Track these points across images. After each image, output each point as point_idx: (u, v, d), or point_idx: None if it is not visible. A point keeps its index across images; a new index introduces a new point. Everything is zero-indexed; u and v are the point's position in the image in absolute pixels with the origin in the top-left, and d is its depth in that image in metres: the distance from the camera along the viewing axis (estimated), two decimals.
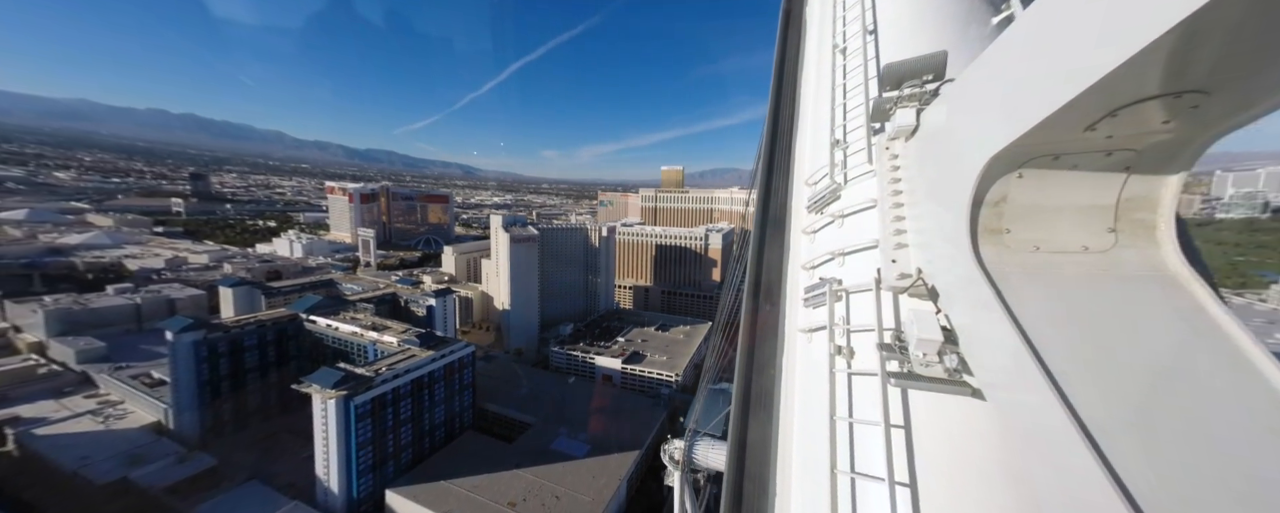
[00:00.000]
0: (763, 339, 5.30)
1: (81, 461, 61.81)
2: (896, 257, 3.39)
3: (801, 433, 4.21)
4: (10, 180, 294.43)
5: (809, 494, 3.73)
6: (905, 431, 3.13)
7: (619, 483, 66.50)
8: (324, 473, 59.46)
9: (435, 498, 59.84)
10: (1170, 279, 2.56)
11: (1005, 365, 2.44)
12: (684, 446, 29.40)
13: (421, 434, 69.87)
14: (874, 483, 3.16)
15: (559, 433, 77.76)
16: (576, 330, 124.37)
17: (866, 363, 3.62)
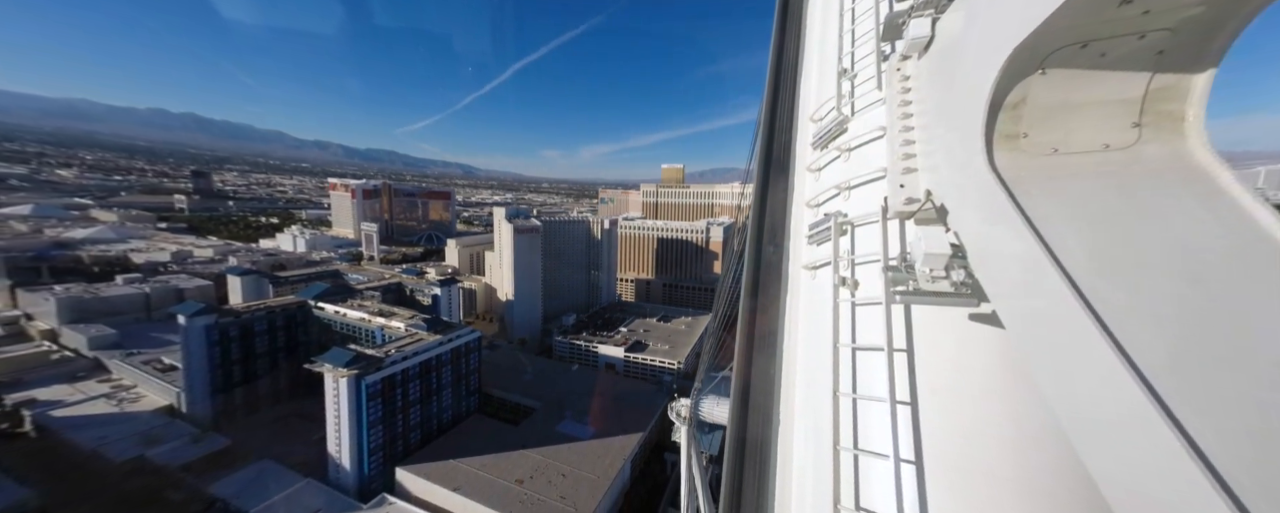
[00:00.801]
0: (767, 280, 5.28)
1: (98, 440, 63.29)
2: (904, 182, 3.31)
3: (806, 363, 4.26)
4: (13, 177, 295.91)
5: (811, 419, 3.81)
6: (908, 354, 3.16)
7: (623, 462, 67.92)
8: (335, 450, 60.92)
9: (444, 475, 61.30)
10: (1197, 170, 2.44)
11: (1019, 274, 2.39)
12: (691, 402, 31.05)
13: (429, 416, 71.30)
14: (875, 404, 3.22)
15: (564, 416, 79.22)
16: (579, 321, 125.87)
17: (871, 291, 3.62)
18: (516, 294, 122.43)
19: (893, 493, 2.79)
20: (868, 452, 3.21)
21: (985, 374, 2.95)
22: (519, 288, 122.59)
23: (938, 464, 2.85)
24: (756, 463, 4.38)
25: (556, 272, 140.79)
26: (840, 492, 3.23)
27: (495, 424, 77.19)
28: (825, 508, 3.26)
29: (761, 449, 4.39)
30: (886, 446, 2.98)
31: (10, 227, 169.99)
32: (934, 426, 2.94)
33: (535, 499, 58.55)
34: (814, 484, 3.60)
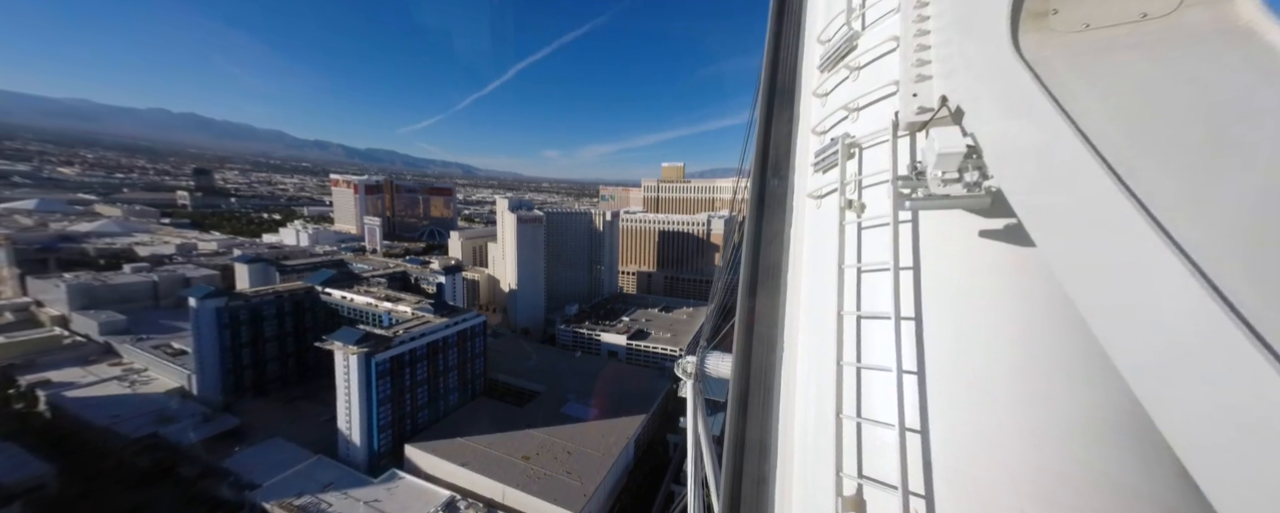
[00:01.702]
0: (771, 214, 5.15)
1: (112, 418, 64.47)
2: (918, 90, 3.12)
3: (810, 288, 4.17)
4: (16, 175, 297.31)
5: (814, 340, 3.77)
6: (914, 272, 3.07)
7: (627, 442, 69.09)
8: (346, 427, 62.11)
9: (452, 452, 62.51)
10: (1246, 31, 2.19)
11: (1046, 166, 2.23)
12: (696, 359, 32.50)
13: (436, 397, 72.48)
14: (879, 322, 3.18)
15: (568, 399, 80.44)
16: (581, 311, 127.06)
17: (878, 210, 3.50)
18: (520, 284, 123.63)
19: (894, 404, 2.75)
20: (870, 367, 3.16)
21: (993, 292, 2.80)
22: (522, 278, 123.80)
23: (940, 375, 2.80)
24: (761, 389, 4.37)
25: (559, 264, 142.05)
26: (842, 403, 3.21)
27: (501, 406, 78.40)
28: (827, 420, 3.25)
29: (766, 375, 4.38)
30: (889, 360, 2.92)
31: (16, 221, 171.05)
32: (938, 339, 2.87)
33: (542, 474, 59.75)
34: (817, 402, 3.58)
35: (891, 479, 2.69)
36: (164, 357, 79.23)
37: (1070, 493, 2.33)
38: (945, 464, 2.63)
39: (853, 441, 3.11)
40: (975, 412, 2.62)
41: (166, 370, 77.44)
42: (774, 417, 4.14)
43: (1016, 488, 2.41)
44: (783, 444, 4.03)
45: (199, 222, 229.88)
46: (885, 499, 2.80)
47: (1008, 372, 2.59)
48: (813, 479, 3.45)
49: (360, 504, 53.96)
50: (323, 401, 76.98)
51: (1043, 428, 2.41)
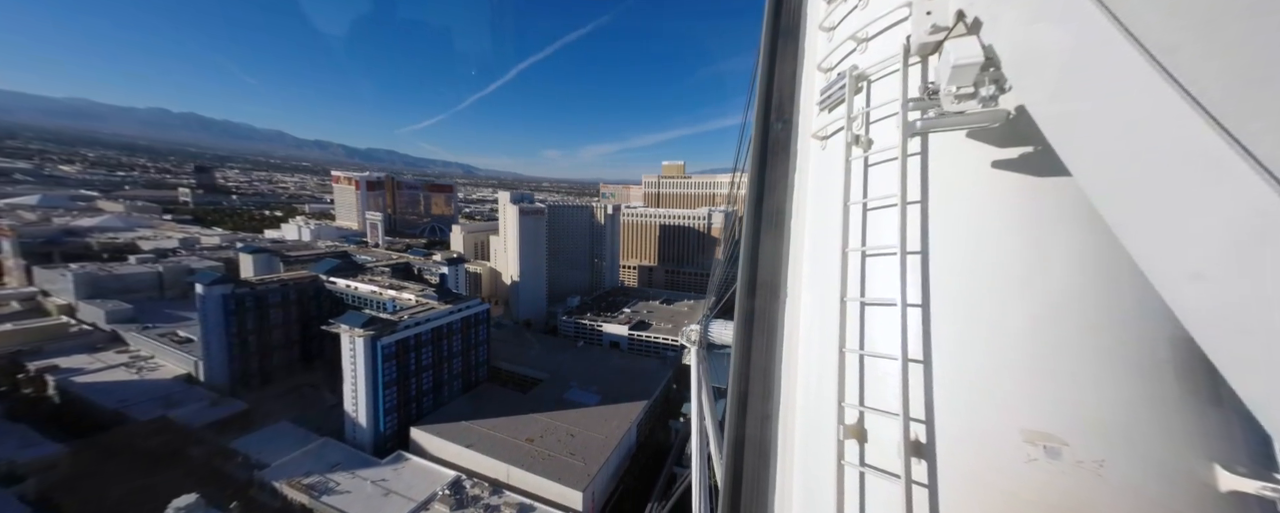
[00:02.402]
0: (774, 159, 4.94)
1: (121, 402, 65.19)
2: (932, 7, 2.92)
3: (814, 229, 4.05)
4: (17, 172, 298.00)
5: (818, 279, 3.69)
6: (921, 206, 2.95)
7: (630, 426, 69.81)
8: (352, 409, 62.85)
9: (458, 434, 63.25)
10: None
11: (1075, 68, 2.02)
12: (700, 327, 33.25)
13: (440, 383, 73.21)
14: (884, 258, 3.07)
15: (571, 386, 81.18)
16: (583, 303, 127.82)
17: (886, 142, 3.32)
18: (521, 276, 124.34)
19: (898, 336, 2.67)
20: (875, 302, 3.06)
21: (1002, 227, 2.65)
22: (524, 270, 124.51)
23: (944, 310, 2.70)
24: (765, 331, 4.29)
25: (560, 258, 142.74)
26: (845, 336, 3.14)
27: (504, 392, 79.17)
28: (831, 351, 3.19)
29: (768, 318, 4.29)
30: (893, 294, 2.83)
31: (19, 216, 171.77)
32: (945, 274, 2.76)
33: (546, 455, 60.49)
34: (820, 339, 3.52)
35: (893, 408, 2.65)
36: (170, 344, 79.92)
37: (1069, 414, 2.28)
38: (947, 393, 2.59)
39: (855, 373, 3.06)
40: (982, 343, 2.53)
41: (173, 357, 78.13)
42: (777, 358, 4.05)
43: (1017, 414, 2.36)
44: (785, 381, 3.97)
45: (201, 218, 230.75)
46: (886, 424, 2.77)
47: (1016, 303, 2.50)
48: (815, 409, 3.41)
49: (367, 483, 54.72)
50: (328, 388, 77.86)
51: (1049, 356, 2.34)
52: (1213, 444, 2.08)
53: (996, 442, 2.39)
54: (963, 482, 2.45)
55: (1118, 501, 2.07)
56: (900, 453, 2.54)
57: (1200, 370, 2.11)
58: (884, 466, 2.73)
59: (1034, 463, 2.27)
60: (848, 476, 2.91)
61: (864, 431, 2.90)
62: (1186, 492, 2.05)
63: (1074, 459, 2.17)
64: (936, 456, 2.53)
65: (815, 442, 3.38)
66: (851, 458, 2.89)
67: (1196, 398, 2.10)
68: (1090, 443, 2.18)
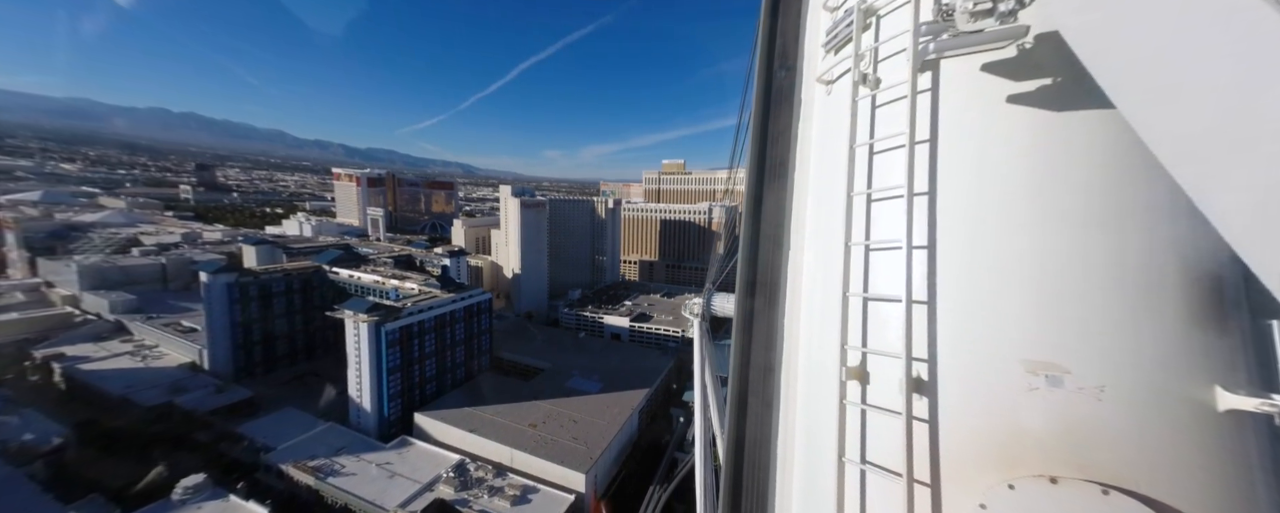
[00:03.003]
0: (778, 110, 4.72)
1: (127, 388, 65.69)
2: None
3: (818, 173, 3.89)
4: (19, 170, 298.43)
5: (821, 223, 3.58)
6: (930, 145, 2.84)
7: (631, 412, 70.31)
8: (356, 394, 63.36)
9: (461, 419, 63.76)
10: None
11: None
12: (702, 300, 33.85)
13: (444, 370, 73.73)
14: (891, 202, 2.97)
15: (573, 374, 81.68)
16: (584, 296, 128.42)
17: (895, 78, 3.19)
18: (523, 269, 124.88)
19: (903, 277, 2.60)
20: (880, 247, 2.94)
21: (1011, 167, 2.56)
22: (526, 263, 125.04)
23: (950, 248, 2.63)
24: (768, 291, 4.17)
25: (561, 253, 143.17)
26: (849, 281, 3.08)
27: (507, 380, 79.72)
28: (834, 296, 3.13)
29: (772, 273, 4.16)
30: (899, 236, 2.73)
31: (22, 211, 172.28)
32: (950, 213, 2.67)
33: (549, 440, 60.99)
34: (824, 282, 3.40)
35: (896, 349, 2.64)
36: (175, 334, 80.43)
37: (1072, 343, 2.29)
38: (950, 331, 2.57)
39: (858, 316, 3.02)
40: (987, 278, 2.51)
41: (178, 346, 78.66)
42: (780, 309, 3.98)
43: (1020, 346, 2.37)
44: (788, 331, 3.91)
45: (202, 214, 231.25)
46: (888, 364, 2.77)
47: (1023, 236, 2.47)
48: (819, 350, 3.35)
49: (372, 466, 55.22)
50: (332, 377, 78.21)
51: (1055, 288, 2.34)
52: (1214, 369, 2.11)
53: (998, 374, 2.39)
54: (963, 414, 2.47)
55: (1116, 423, 2.13)
56: (902, 389, 2.54)
57: (1207, 300, 2.12)
58: (885, 404, 2.73)
59: (1035, 392, 2.29)
60: (849, 414, 2.92)
61: (867, 373, 2.89)
62: (1185, 413, 2.09)
63: (1076, 386, 2.20)
64: (938, 391, 2.53)
65: (818, 383, 3.29)
66: (853, 397, 2.92)
67: (1200, 327, 2.12)
68: (1092, 370, 2.20)
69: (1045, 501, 2.13)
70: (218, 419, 62.08)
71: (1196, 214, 1.89)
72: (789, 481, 3.64)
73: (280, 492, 51.86)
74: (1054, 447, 2.20)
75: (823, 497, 3.00)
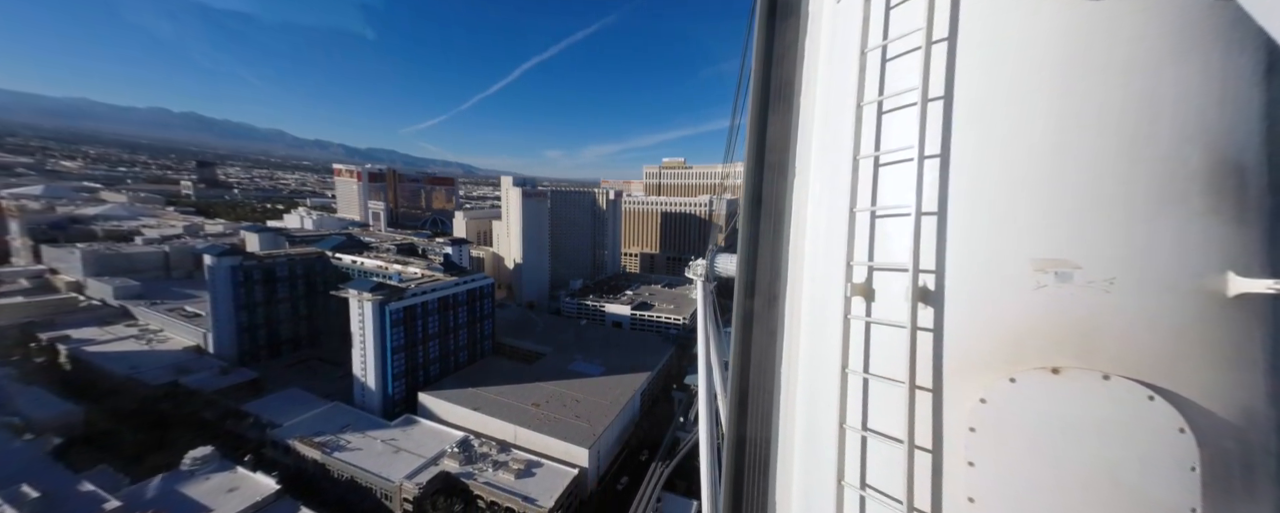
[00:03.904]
0: (784, 23, 4.47)
1: (133, 369, 66.12)
2: None
3: (826, 84, 3.65)
4: (19, 167, 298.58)
5: (830, 138, 3.38)
6: (949, 44, 2.65)
7: (633, 393, 70.76)
8: (361, 373, 63.83)
9: (465, 399, 64.21)
10: None
11: None
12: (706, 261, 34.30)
13: (447, 352, 74.20)
14: (903, 112, 2.81)
15: (575, 358, 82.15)
16: (585, 286, 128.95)
17: None
18: (525, 258, 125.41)
19: (913, 189, 2.51)
20: (890, 161, 2.79)
21: (1032, 67, 2.41)
22: (527, 253, 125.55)
23: (963, 157, 2.51)
24: (773, 212, 4.02)
25: (562, 245, 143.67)
26: (856, 196, 2.94)
27: (510, 364, 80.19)
28: (841, 212, 3.01)
29: (777, 203, 4.02)
30: (910, 146, 2.56)
31: (24, 205, 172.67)
32: (965, 119, 2.52)
33: (552, 418, 61.44)
34: (830, 199, 3.19)
35: (902, 263, 2.57)
36: (179, 318, 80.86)
37: (1085, 237, 2.26)
38: (959, 239, 2.49)
39: (866, 228, 2.92)
40: (999, 179, 2.42)
41: (182, 330, 79.09)
42: (785, 236, 3.84)
43: (1031, 244, 2.32)
44: (792, 250, 3.80)
45: (203, 210, 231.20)
46: (894, 278, 2.72)
47: (1041, 124, 2.35)
48: (824, 268, 3.24)
49: (377, 442, 55.70)
50: (335, 361, 78.78)
51: (1072, 179, 2.26)
52: (1229, 258, 2.06)
53: (1006, 277, 2.33)
54: (969, 320, 2.42)
55: (1123, 313, 2.10)
56: (908, 298, 2.48)
57: (1230, 191, 2.08)
58: (890, 319, 2.68)
59: (1042, 290, 2.24)
60: (853, 329, 2.87)
61: (872, 290, 2.82)
62: (1194, 301, 2.05)
63: (1085, 281, 2.15)
64: (944, 300, 2.47)
65: (822, 305, 3.18)
66: (857, 311, 2.86)
67: (1219, 218, 2.07)
68: (1103, 264, 2.15)
69: (1046, 390, 2.15)
70: (223, 398, 62.50)
71: (1230, 101, 1.89)
72: (792, 397, 3.52)
73: (287, 465, 52.31)
74: (1058, 340, 2.19)
75: (824, 406, 2.97)
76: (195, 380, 64.88)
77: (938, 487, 2.36)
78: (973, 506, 2.23)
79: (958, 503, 2.28)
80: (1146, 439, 1.96)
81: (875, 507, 2.64)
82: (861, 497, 2.69)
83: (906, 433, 2.40)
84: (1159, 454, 1.94)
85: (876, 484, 2.64)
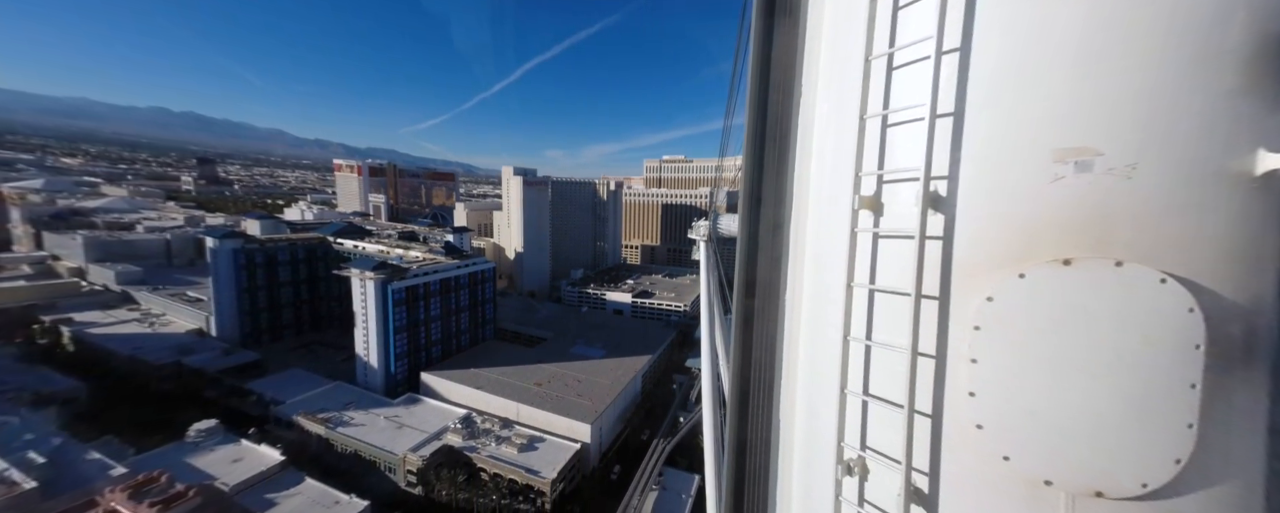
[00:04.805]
0: None
1: (136, 349, 66.28)
2: None
3: (832, 18, 3.39)
4: (20, 162, 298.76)
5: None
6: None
7: (634, 375, 70.94)
8: (364, 351, 64.02)
9: (467, 378, 64.39)
10: None
11: None
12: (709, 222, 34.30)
13: (449, 335, 74.37)
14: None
15: (577, 342, 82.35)
16: (586, 276, 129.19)
17: None
18: (526, 247, 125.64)
19: (929, 88, 2.36)
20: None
21: None
22: (528, 241, 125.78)
23: (985, 55, 2.33)
24: (776, 151, 3.80)
25: (563, 235, 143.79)
26: (867, 104, 2.76)
27: (512, 347, 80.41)
28: (851, 115, 2.83)
29: (782, 123, 3.81)
30: (929, 37, 2.37)
31: (27, 198, 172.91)
32: (990, 18, 2.33)
33: (555, 396, 61.65)
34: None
35: (914, 171, 2.43)
36: (182, 302, 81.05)
37: (1109, 119, 2.13)
38: (975, 140, 2.37)
39: (876, 136, 2.75)
40: (1022, 78, 2.26)
41: (185, 314, 79.27)
42: (788, 183, 3.64)
43: (1050, 133, 2.17)
44: (798, 167, 3.62)
45: (203, 205, 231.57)
46: (903, 188, 2.59)
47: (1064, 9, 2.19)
48: (830, 183, 3.07)
49: (381, 418, 55.93)
50: (337, 346, 78.95)
51: (1100, 56, 2.11)
52: (1260, 137, 1.95)
53: (1023, 171, 2.18)
54: (979, 223, 2.28)
55: (1143, 199, 1.98)
56: (918, 201, 2.33)
57: (1267, 64, 1.95)
58: (898, 231, 2.55)
59: (1060, 181, 2.10)
60: (860, 242, 2.74)
61: (881, 204, 2.67)
62: (1218, 183, 1.94)
63: (1105, 168, 2.02)
64: (956, 205, 2.32)
65: (829, 216, 3.05)
66: (865, 225, 2.73)
67: (1252, 95, 1.96)
68: (1126, 148, 2.00)
69: (1055, 281, 2.06)
70: (226, 377, 62.71)
71: None
72: (798, 307, 3.40)
73: (291, 440, 52.46)
74: (1073, 232, 2.08)
75: (829, 320, 2.90)
76: (198, 360, 65.04)
77: (939, 386, 2.32)
78: (973, 399, 2.19)
79: (958, 399, 2.25)
80: (1155, 320, 1.93)
81: (878, 409, 2.59)
82: (863, 401, 2.66)
83: (910, 341, 2.33)
84: (1165, 333, 1.92)
85: (878, 392, 2.60)
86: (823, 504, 2.88)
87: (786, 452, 3.45)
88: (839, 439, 2.75)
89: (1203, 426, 1.89)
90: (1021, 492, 2.16)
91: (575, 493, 51.32)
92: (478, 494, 46.89)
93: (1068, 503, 2.07)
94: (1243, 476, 1.98)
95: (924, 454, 2.37)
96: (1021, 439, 2.11)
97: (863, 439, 2.69)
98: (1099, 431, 1.97)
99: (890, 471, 2.48)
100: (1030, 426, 2.09)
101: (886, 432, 2.56)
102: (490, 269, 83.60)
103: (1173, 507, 1.97)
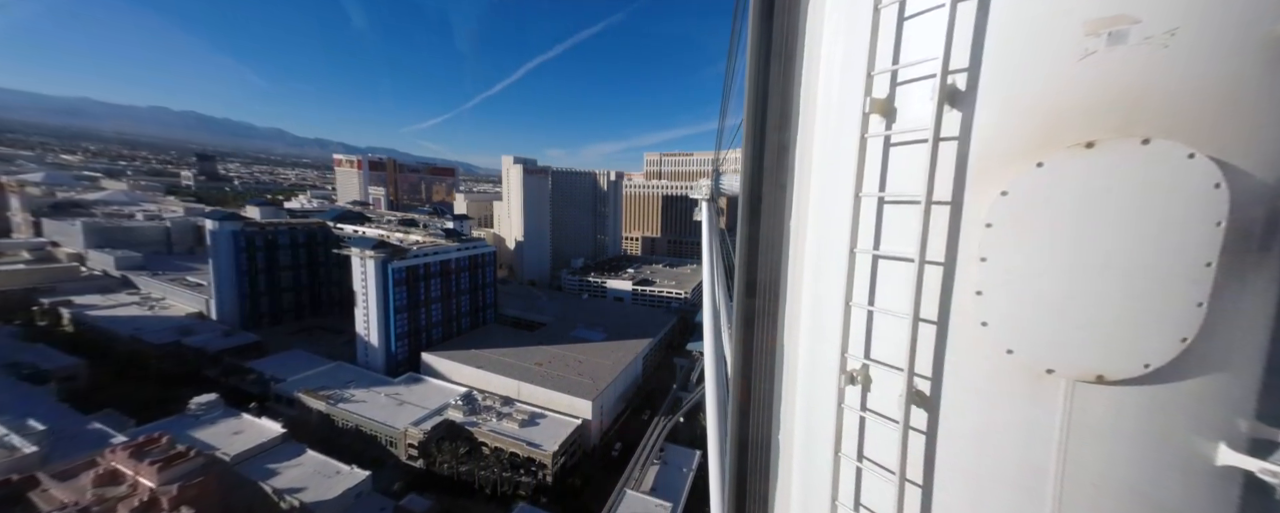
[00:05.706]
0: None
1: (135, 330, 66.16)
2: None
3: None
4: (20, 158, 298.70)
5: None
6: None
7: (635, 357, 70.77)
8: (364, 331, 63.87)
9: (468, 358, 64.24)
10: None
11: None
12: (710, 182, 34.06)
13: (449, 317, 74.24)
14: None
15: (577, 326, 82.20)
16: (587, 265, 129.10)
17: None
18: (526, 237, 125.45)
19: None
20: (917, 9, 2.37)
21: None
22: (528, 230, 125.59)
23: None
24: (782, 66, 3.58)
25: (563, 226, 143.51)
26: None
27: (512, 329, 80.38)
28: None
29: (787, 43, 3.60)
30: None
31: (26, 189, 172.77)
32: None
33: (556, 375, 61.50)
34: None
35: (932, 65, 2.22)
36: (182, 286, 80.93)
37: None
38: (1002, 19, 2.12)
39: (891, 29, 2.52)
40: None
41: (184, 298, 79.16)
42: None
43: (1088, 4, 1.95)
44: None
45: (203, 199, 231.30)
46: (918, 87, 2.43)
47: None
48: (840, 77, 2.88)
49: (381, 395, 55.83)
50: (337, 330, 78.90)
51: None
52: None
53: (1049, 49, 1.97)
54: (998, 116, 2.06)
55: (1178, 72, 1.81)
56: (934, 97, 2.11)
57: None
58: (911, 134, 2.37)
59: (1089, 58, 1.90)
60: (870, 148, 2.57)
61: (893, 109, 2.50)
62: (1264, 48, 1.77)
63: (1142, 37, 1.82)
64: (976, 100, 2.10)
65: (837, 122, 2.87)
66: (876, 129, 2.54)
67: None
68: (1164, 14, 1.81)
69: (1076, 166, 1.87)
70: (226, 356, 62.58)
71: None
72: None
73: (292, 416, 52.34)
74: (1098, 114, 1.88)
75: (835, 233, 2.76)
76: (198, 341, 64.93)
77: (947, 292, 2.18)
78: (980, 297, 2.07)
79: (965, 300, 2.13)
80: (1178, 197, 1.79)
81: (882, 320, 2.49)
82: (868, 312, 2.57)
83: (918, 250, 2.17)
84: (1188, 210, 1.80)
85: (884, 304, 2.50)
86: (825, 419, 2.79)
87: (790, 369, 3.35)
88: (842, 351, 2.65)
89: (1213, 304, 1.78)
90: (1021, 386, 2.04)
91: (576, 468, 51.21)
92: (479, 467, 46.79)
93: (1067, 390, 1.95)
94: (1244, 360, 1.88)
95: (928, 360, 2.27)
96: (1026, 331, 1.98)
97: (867, 350, 2.58)
98: (1106, 313, 1.86)
99: (893, 376, 2.38)
100: (1036, 315, 1.96)
101: (890, 342, 2.46)
102: (491, 253, 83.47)
103: (1171, 391, 1.88)
